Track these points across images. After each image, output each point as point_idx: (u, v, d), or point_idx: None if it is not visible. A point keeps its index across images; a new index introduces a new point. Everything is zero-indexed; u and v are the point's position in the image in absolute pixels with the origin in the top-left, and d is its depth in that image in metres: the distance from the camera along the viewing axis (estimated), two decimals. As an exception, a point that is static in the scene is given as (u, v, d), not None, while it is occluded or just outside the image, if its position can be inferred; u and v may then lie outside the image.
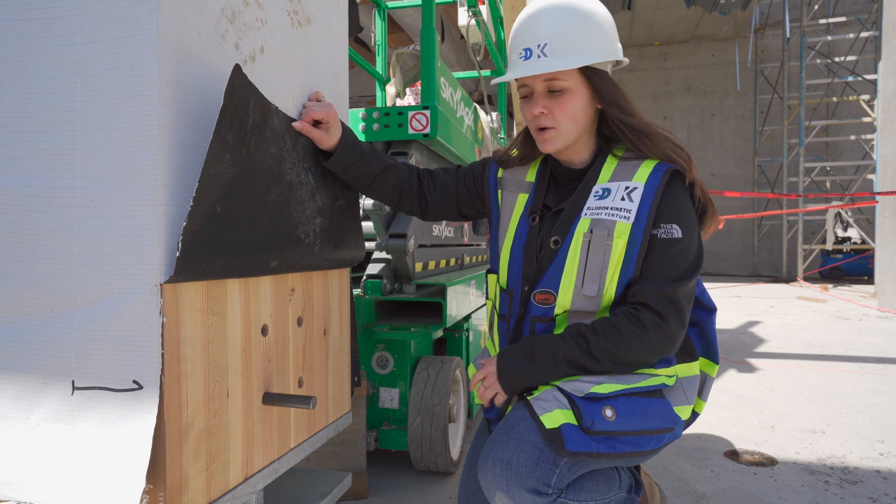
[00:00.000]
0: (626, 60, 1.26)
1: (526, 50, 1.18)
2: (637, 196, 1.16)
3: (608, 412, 1.10)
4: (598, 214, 1.17)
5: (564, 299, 1.18)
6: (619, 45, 1.25)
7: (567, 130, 1.21)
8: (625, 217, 1.15)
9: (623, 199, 1.17)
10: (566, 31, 1.16)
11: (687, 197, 1.19)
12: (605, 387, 1.13)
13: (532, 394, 1.15)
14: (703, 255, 1.19)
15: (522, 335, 1.25)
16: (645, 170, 1.19)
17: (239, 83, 0.89)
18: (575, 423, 1.09)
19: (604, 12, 1.21)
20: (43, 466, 0.83)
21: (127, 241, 0.81)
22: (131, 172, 0.81)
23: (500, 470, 1.08)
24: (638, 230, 1.14)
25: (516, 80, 1.23)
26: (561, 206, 1.26)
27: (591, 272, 1.16)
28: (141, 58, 0.80)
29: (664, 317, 1.12)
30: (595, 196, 1.20)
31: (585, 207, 1.20)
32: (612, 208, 1.16)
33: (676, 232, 1.15)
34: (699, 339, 1.32)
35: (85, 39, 0.82)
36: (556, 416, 1.09)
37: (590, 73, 1.19)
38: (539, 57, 1.16)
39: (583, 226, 1.18)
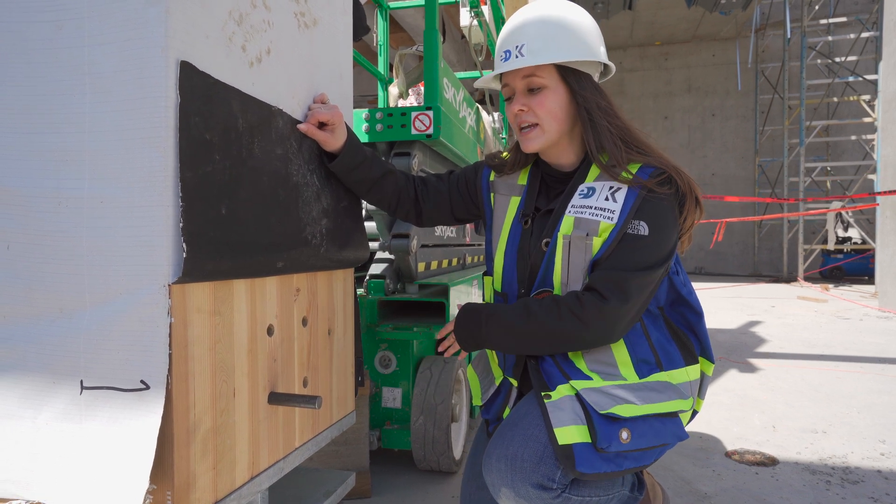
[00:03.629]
0: (613, 66, 1.29)
1: (506, 52, 1.24)
2: (621, 196, 1.18)
3: (624, 434, 1.10)
4: (581, 213, 1.19)
5: None
6: (603, 50, 1.26)
7: (549, 128, 1.23)
8: (608, 218, 1.16)
9: (607, 198, 1.19)
10: (542, 33, 1.21)
11: (671, 201, 1.19)
12: (628, 409, 1.12)
13: (549, 395, 1.14)
14: (671, 258, 1.19)
15: None
16: (632, 169, 1.20)
17: (199, 81, 0.86)
18: (588, 440, 1.08)
19: (584, 19, 1.24)
20: (51, 465, 0.84)
21: (135, 241, 0.82)
22: (140, 174, 0.82)
23: (504, 466, 1.09)
24: (616, 230, 1.16)
25: (500, 82, 1.30)
26: (550, 207, 1.28)
27: (573, 270, 1.18)
28: (149, 60, 0.81)
29: (606, 298, 1.12)
30: (580, 195, 1.22)
31: (570, 205, 1.22)
32: (595, 208, 1.18)
33: (643, 229, 1.16)
34: (695, 340, 1.32)
35: (94, 42, 0.83)
36: (570, 433, 1.08)
37: (566, 73, 1.22)
38: (517, 57, 1.22)
39: (566, 225, 1.20)
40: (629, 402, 1.13)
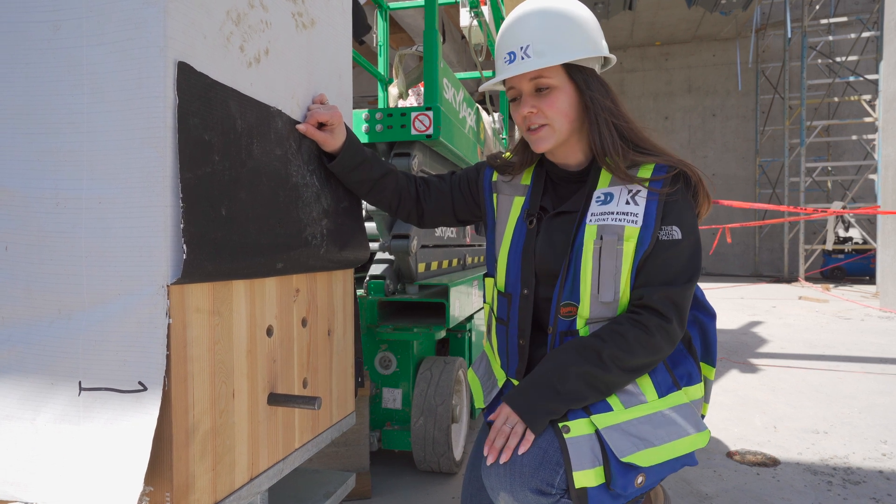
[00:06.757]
0: (613, 58, 1.27)
1: (510, 53, 1.20)
2: (642, 199, 1.16)
3: (640, 479, 1.09)
4: (604, 220, 1.16)
5: (584, 309, 1.17)
6: (604, 44, 1.25)
7: (559, 127, 1.21)
8: (632, 221, 1.14)
9: (628, 202, 1.17)
10: (547, 32, 1.18)
11: (687, 196, 1.19)
12: (647, 456, 1.09)
13: (567, 427, 1.10)
14: (701, 255, 1.19)
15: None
16: (646, 171, 1.19)
17: (197, 81, 0.86)
18: (603, 482, 1.06)
19: (584, 12, 1.22)
20: (50, 467, 0.84)
21: (134, 242, 0.82)
22: (138, 174, 0.81)
23: (504, 470, 1.09)
24: (646, 233, 1.14)
25: (504, 84, 1.26)
26: (561, 210, 1.26)
27: (605, 278, 1.15)
28: (148, 60, 0.81)
29: (668, 319, 1.12)
30: (597, 202, 1.20)
31: (589, 213, 1.19)
32: (617, 213, 1.16)
33: (676, 233, 1.14)
34: (701, 343, 1.32)
35: (92, 42, 0.83)
36: (588, 476, 1.06)
37: (573, 71, 1.20)
38: (522, 58, 1.18)
39: (590, 233, 1.17)
40: (649, 446, 1.09)
